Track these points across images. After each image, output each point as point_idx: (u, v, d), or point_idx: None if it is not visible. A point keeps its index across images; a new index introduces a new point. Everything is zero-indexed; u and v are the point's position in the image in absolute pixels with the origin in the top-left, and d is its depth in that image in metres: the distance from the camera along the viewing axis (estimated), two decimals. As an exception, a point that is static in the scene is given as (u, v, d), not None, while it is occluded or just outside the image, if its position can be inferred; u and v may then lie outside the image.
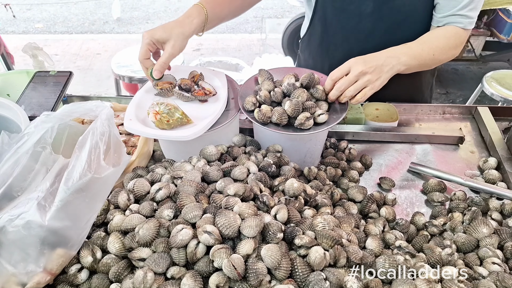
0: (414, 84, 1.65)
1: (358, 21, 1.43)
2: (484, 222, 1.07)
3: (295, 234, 0.86)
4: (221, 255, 0.79)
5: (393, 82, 1.24)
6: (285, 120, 1.12)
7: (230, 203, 0.90)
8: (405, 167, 1.36)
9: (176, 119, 1.10)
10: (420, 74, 1.57)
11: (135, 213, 0.93)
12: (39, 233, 0.78)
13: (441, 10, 1.33)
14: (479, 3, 1.30)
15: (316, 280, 0.77)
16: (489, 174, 1.28)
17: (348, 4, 1.41)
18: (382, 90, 1.20)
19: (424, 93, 1.72)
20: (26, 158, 0.79)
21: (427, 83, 1.71)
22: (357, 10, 1.41)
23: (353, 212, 1.11)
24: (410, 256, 0.95)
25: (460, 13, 1.29)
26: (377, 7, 1.38)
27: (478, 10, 1.32)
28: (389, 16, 1.40)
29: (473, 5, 1.29)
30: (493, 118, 1.49)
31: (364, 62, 1.17)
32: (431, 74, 1.70)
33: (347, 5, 1.41)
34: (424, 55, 1.30)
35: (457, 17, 1.31)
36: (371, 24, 1.42)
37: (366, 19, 1.42)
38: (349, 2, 1.40)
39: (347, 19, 1.44)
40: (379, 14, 1.40)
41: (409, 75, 1.35)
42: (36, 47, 1.66)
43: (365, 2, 1.38)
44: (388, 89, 1.24)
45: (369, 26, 1.43)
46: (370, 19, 1.41)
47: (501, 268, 0.96)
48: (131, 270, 0.86)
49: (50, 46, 5.61)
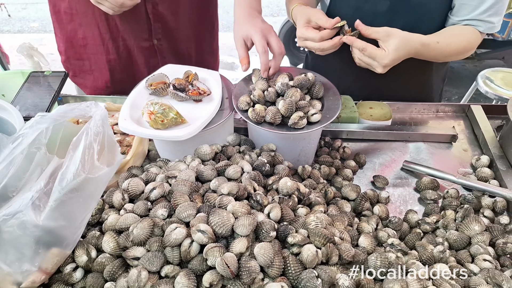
0: (424, 89, 1.65)
1: (372, 20, 1.41)
2: (476, 220, 1.08)
3: (288, 233, 0.87)
4: (215, 254, 0.80)
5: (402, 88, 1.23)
6: (279, 120, 1.13)
7: (223, 202, 0.91)
8: (399, 165, 1.37)
9: (171, 119, 1.11)
10: (431, 77, 1.57)
11: (130, 212, 0.94)
12: (34, 232, 0.78)
13: (460, 13, 1.30)
14: (501, 8, 1.26)
15: (308, 277, 0.78)
16: (482, 172, 1.29)
17: (363, 3, 1.41)
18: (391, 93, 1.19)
19: (434, 97, 1.72)
20: (21, 158, 0.80)
21: (437, 87, 1.70)
22: (372, 9, 1.41)
23: (346, 210, 1.12)
24: (402, 253, 0.96)
25: (480, 17, 1.26)
26: (393, 6, 1.38)
27: (500, 16, 1.28)
28: (404, 15, 1.39)
29: (494, 10, 1.25)
30: (486, 116, 1.50)
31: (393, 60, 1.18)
32: (441, 79, 1.69)
33: (362, 4, 1.41)
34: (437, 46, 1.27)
35: (476, 22, 1.28)
36: (385, 23, 1.40)
37: (381, 18, 1.41)
38: (364, 1, 1.40)
39: (361, 18, 1.43)
40: (394, 12, 1.39)
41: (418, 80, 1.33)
42: (31, 47, 1.66)
43: (380, 1, 1.38)
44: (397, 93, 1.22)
45: (384, 24, 1.41)
46: (384, 18, 1.41)
47: (492, 265, 0.97)
48: (125, 269, 0.86)
49: (46, 45, 5.59)
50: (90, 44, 1.67)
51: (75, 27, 1.63)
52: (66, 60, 1.76)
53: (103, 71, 1.73)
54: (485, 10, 1.25)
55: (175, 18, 1.65)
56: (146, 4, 1.55)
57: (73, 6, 1.57)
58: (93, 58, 1.71)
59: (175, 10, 1.63)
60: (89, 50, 1.69)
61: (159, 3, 1.57)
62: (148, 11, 1.57)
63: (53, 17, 1.67)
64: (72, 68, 1.77)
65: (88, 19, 1.59)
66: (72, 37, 1.67)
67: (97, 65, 1.72)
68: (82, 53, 1.70)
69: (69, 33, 1.66)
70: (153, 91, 1.22)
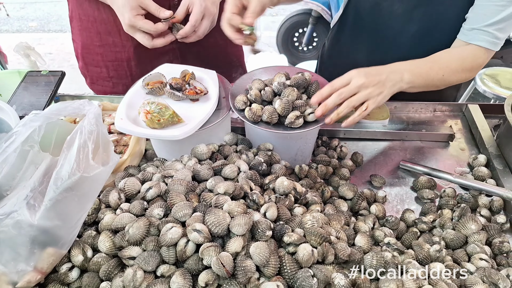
0: (437, 98, 1.62)
1: (388, 19, 1.41)
2: (473, 219, 1.08)
3: (284, 232, 0.87)
4: (210, 253, 0.80)
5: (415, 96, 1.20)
6: (276, 119, 1.13)
7: (220, 202, 0.90)
8: (396, 164, 1.37)
9: (167, 118, 1.11)
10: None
11: (126, 212, 0.94)
12: (29, 232, 0.78)
13: (469, 22, 1.28)
14: (509, 26, 1.23)
15: (303, 277, 0.78)
16: (479, 171, 1.29)
17: (383, 0, 1.40)
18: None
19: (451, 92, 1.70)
20: (14, 157, 0.80)
21: (450, 96, 1.68)
22: (389, 8, 1.39)
23: (343, 209, 1.12)
24: (398, 252, 0.96)
25: (487, 29, 1.23)
26: (408, 10, 1.36)
27: (507, 33, 1.25)
28: (418, 20, 1.38)
29: (503, 25, 1.22)
30: (483, 116, 1.50)
31: (366, 75, 1.13)
32: (455, 87, 1.67)
33: (382, 0, 1.40)
34: (432, 74, 1.24)
35: (483, 33, 1.24)
36: (400, 25, 1.40)
37: (396, 19, 1.40)
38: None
39: (378, 15, 1.42)
40: (409, 16, 1.38)
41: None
42: (27, 47, 1.66)
43: (397, 1, 1.36)
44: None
45: (398, 27, 1.41)
46: (399, 20, 1.39)
47: (489, 264, 0.97)
48: (121, 268, 0.86)
49: (44, 44, 5.60)
50: (108, 52, 1.63)
51: (92, 34, 1.59)
52: (84, 66, 1.73)
53: (123, 77, 1.69)
54: (494, 22, 1.22)
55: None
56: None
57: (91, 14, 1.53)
58: (111, 65, 1.67)
59: None
60: (106, 57, 1.65)
61: None
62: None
63: (72, 23, 1.64)
64: (89, 75, 1.74)
65: (109, 26, 1.55)
66: (89, 44, 1.63)
67: (116, 71, 1.68)
68: (99, 61, 1.67)
69: (86, 39, 1.62)
70: (150, 91, 1.22)
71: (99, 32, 1.58)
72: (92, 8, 1.51)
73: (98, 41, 1.60)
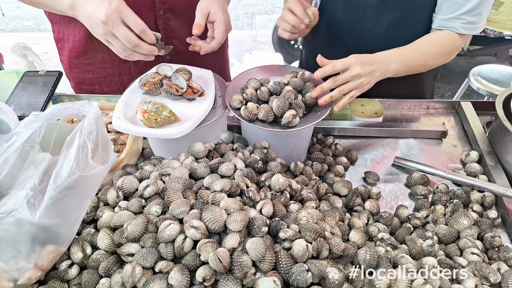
0: (415, 87, 1.67)
1: (362, 13, 1.45)
2: (465, 214, 1.10)
3: (279, 228, 0.89)
4: (207, 249, 0.81)
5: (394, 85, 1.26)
6: (271, 117, 1.14)
7: (216, 199, 0.92)
8: (390, 161, 1.39)
9: (164, 117, 1.12)
10: (422, 76, 1.58)
11: (124, 210, 0.95)
12: (29, 230, 0.80)
13: (443, 12, 1.33)
14: (484, 8, 1.28)
15: (298, 271, 0.80)
16: (471, 167, 1.31)
17: None
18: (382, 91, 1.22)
19: (426, 95, 1.74)
20: (15, 157, 0.81)
21: (428, 85, 1.73)
22: (363, 2, 1.44)
23: (338, 206, 1.14)
24: (392, 247, 0.99)
25: (463, 17, 1.28)
26: (382, 0, 1.41)
27: (483, 16, 1.30)
28: (393, 10, 1.42)
29: (478, 11, 1.27)
30: (475, 113, 1.52)
31: (361, 65, 1.19)
32: (433, 76, 1.71)
33: None
34: (414, 61, 1.32)
35: (458, 21, 1.30)
36: (374, 17, 1.44)
37: (371, 11, 1.44)
38: None
39: (352, 11, 1.46)
40: (383, 6, 1.42)
41: (410, 78, 1.37)
42: (25, 47, 1.67)
43: None
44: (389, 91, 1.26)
45: (372, 18, 1.45)
46: (374, 11, 1.44)
47: (480, 258, 0.99)
48: (120, 265, 0.88)
49: (40, 44, 5.58)
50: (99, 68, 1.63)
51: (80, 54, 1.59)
52: (76, 86, 1.73)
53: (116, 92, 1.69)
54: (469, 10, 1.27)
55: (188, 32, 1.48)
56: (157, 21, 1.50)
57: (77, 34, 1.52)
58: (103, 82, 1.67)
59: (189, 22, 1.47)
60: (97, 74, 1.65)
61: (170, 18, 1.53)
62: (159, 27, 1.52)
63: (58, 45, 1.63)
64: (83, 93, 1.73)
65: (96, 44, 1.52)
66: (78, 63, 1.63)
67: (109, 87, 1.69)
68: (91, 78, 1.66)
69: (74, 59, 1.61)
70: (146, 91, 1.23)
71: (86, 51, 1.57)
72: (78, 28, 1.50)
73: (87, 59, 1.60)
